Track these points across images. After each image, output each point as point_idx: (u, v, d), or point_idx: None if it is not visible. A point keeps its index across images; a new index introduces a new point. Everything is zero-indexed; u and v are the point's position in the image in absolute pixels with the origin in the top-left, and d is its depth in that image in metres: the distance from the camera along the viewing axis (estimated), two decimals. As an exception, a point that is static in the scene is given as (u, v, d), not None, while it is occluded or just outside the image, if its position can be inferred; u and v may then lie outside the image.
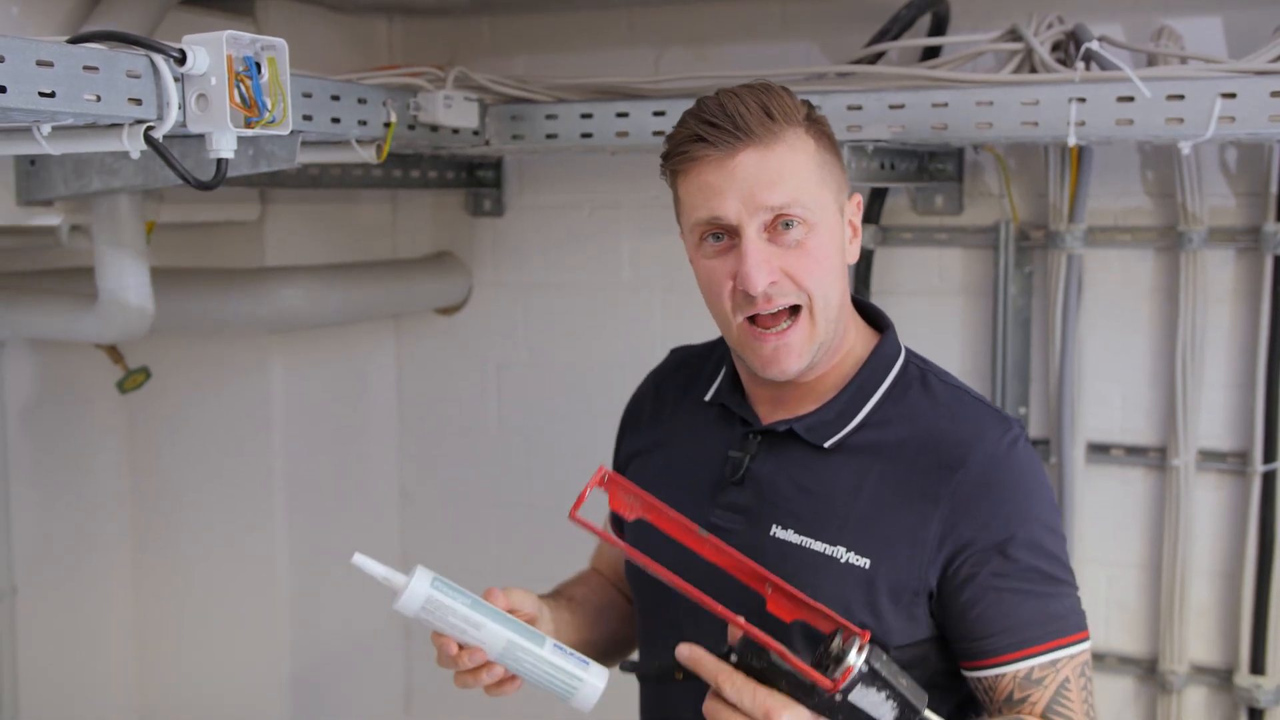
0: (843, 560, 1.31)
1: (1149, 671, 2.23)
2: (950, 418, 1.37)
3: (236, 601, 2.60)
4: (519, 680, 1.34)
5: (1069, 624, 1.32)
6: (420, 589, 1.29)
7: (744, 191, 1.30)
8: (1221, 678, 2.18)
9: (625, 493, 1.20)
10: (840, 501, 1.33)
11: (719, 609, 1.17)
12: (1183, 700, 2.19)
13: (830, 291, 1.34)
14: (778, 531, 1.34)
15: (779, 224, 1.31)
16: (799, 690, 1.16)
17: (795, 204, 1.30)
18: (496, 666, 1.31)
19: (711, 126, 1.30)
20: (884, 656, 1.16)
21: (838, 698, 1.14)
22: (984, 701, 1.34)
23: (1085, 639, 1.33)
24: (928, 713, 1.17)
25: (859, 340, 1.43)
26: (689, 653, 1.20)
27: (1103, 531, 2.24)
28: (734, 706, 1.17)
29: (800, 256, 1.31)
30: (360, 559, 1.30)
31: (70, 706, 2.60)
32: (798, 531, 1.33)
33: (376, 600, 2.83)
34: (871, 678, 1.14)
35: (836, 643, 1.16)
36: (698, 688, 1.23)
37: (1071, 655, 1.32)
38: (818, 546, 1.32)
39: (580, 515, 1.19)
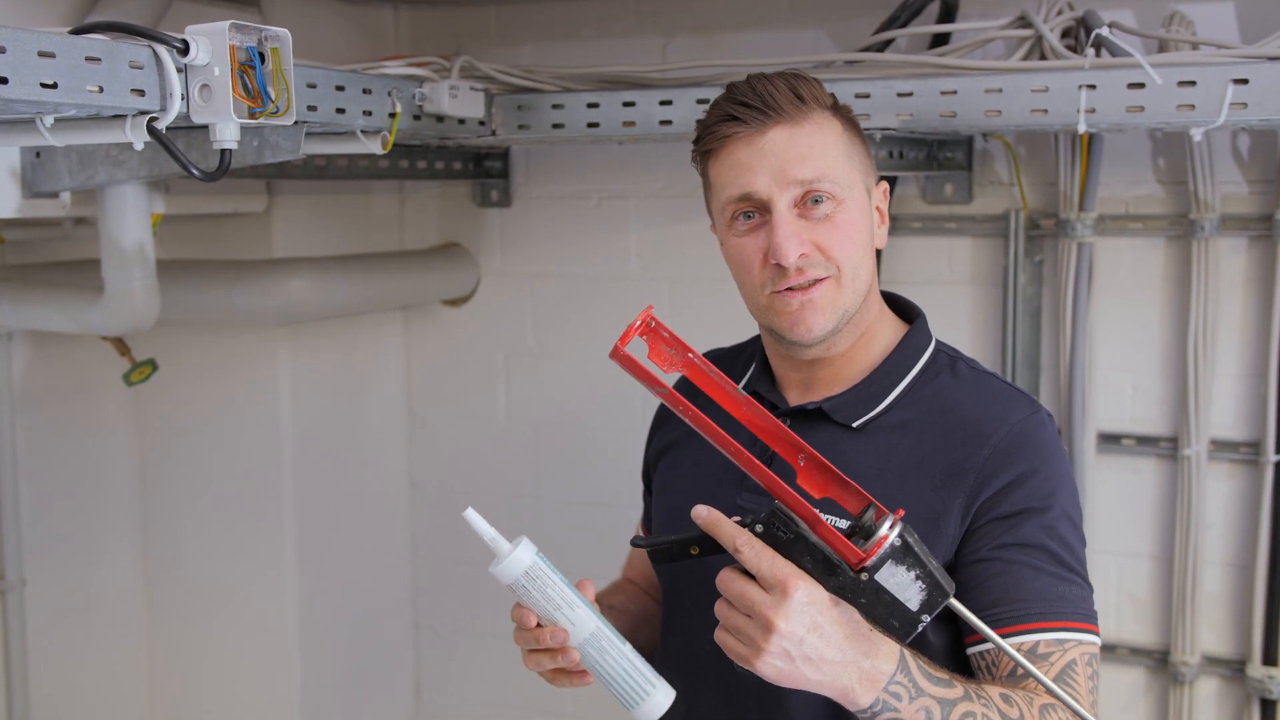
0: None
1: (1161, 663, 2.22)
2: (977, 399, 1.38)
3: (245, 593, 2.61)
4: (589, 677, 1.32)
5: (1080, 611, 1.31)
6: (526, 556, 1.29)
7: (774, 167, 1.33)
8: (1234, 669, 2.17)
9: (666, 345, 1.14)
10: (865, 479, 1.33)
11: (757, 465, 1.14)
12: (1194, 691, 2.18)
13: (859, 265, 1.36)
14: None
15: (808, 199, 1.34)
16: (823, 570, 1.13)
17: (824, 178, 1.33)
18: (574, 652, 1.30)
19: (742, 106, 1.34)
20: (915, 535, 1.13)
21: (864, 576, 1.12)
22: (985, 681, 1.32)
23: (1097, 634, 1.32)
24: (954, 600, 1.15)
25: (889, 328, 1.45)
26: (708, 515, 1.19)
27: (1114, 522, 2.23)
28: (749, 577, 1.15)
29: (830, 230, 1.34)
30: (471, 514, 1.29)
31: (80, 696, 2.60)
32: (823, 510, 1.34)
33: (385, 590, 2.85)
34: (904, 553, 1.11)
35: (868, 517, 1.13)
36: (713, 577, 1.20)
37: (1080, 641, 1.29)
38: (842, 525, 1.32)
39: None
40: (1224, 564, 2.17)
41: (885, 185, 1.45)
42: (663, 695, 1.30)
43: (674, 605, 1.51)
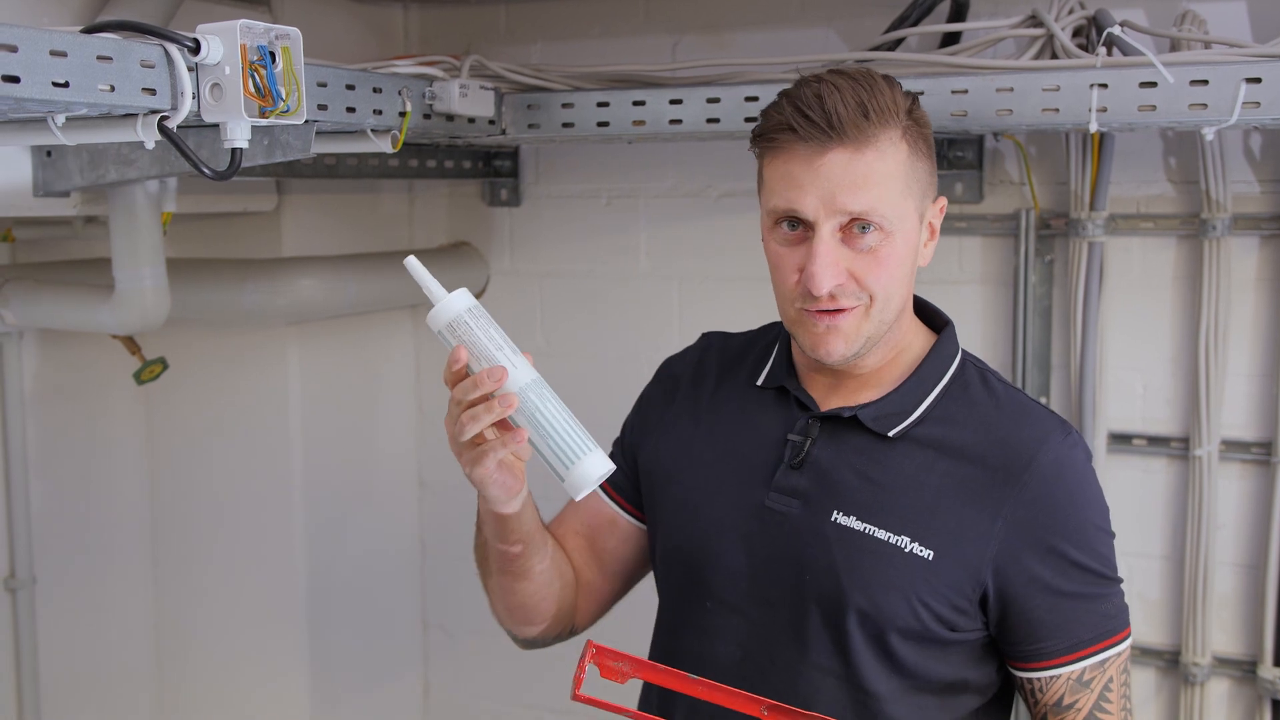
0: (907, 550, 1.32)
1: (1171, 664, 2.21)
2: (1014, 420, 1.37)
3: (254, 592, 2.61)
4: (523, 439, 1.24)
5: (1118, 622, 1.36)
6: (467, 298, 1.25)
7: (826, 191, 1.28)
8: (1245, 670, 2.16)
9: (615, 659, 1.21)
10: (903, 492, 1.33)
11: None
12: (1205, 693, 2.17)
13: (892, 295, 1.34)
14: (839, 518, 1.34)
15: (855, 227, 1.30)
16: None
17: (874, 211, 1.29)
18: (514, 396, 1.22)
19: (805, 119, 1.28)
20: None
21: None
22: (1029, 703, 1.37)
23: (1129, 634, 1.37)
24: None
25: (917, 337, 1.43)
26: None
27: (1124, 522, 2.20)
28: None
29: (871, 262, 1.31)
30: (412, 261, 1.26)
31: (90, 694, 2.61)
32: (860, 519, 1.34)
33: (394, 588, 2.85)
34: None
35: None
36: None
37: (1118, 653, 1.35)
38: (881, 535, 1.32)
39: (586, 691, 1.19)
40: (1235, 565, 2.16)
41: (944, 201, 1.41)
42: (600, 459, 1.24)
43: (689, 603, 1.49)
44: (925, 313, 1.47)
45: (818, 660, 1.35)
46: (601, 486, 1.58)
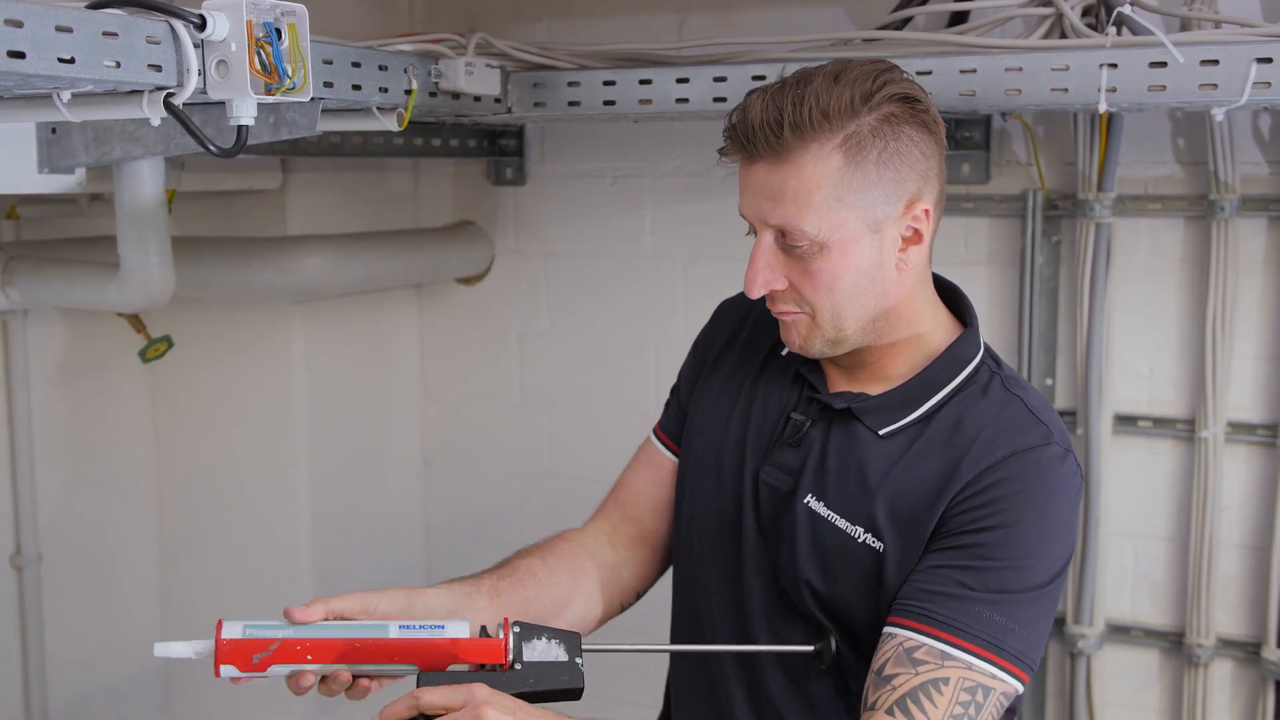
0: (860, 540, 1.32)
1: (1175, 645, 2.22)
2: (994, 421, 1.32)
3: (259, 571, 2.62)
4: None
5: (987, 639, 1.23)
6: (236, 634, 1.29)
7: (754, 201, 1.30)
8: (1249, 651, 2.17)
9: (246, 649, 1.31)
10: (873, 485, 1.33)
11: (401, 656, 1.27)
12: (1209, 674, 2.18)
13: (842, 309, 1.31)
14: (810, 501, 1.35)
15: (785, 238, 1.29)
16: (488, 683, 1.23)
17: (790, 226, 1.27)
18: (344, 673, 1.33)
19: (731, 130, 1.30)
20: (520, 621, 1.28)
21: (518, 666, 1.24)
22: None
23: (1003, 671, 1.23)
24: (584, 646, 1.28)
25: (936, 331, 1.39)
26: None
27: (1130, 504, 2.22)
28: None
29: (804, 274, 1.30)
30: (160, 648, 1.30)
31: (94, 672, 2.62)
32: (827, 505, 1.35)
33: (398, 567, 2.85)
34: (526, 631, 1.26)
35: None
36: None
37: (969, 666, 1.22)
38: (841, 524, 1.33)
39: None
40: (1240, 546, 2.16)
41: (926, 207, 1.30)
42: (454, 634, 1.27)
43: (693, 557, 1.50)
44: (958, 305, 1.42)
45: (792, 631, 1.38)
46: (658, 436, 1.60)
